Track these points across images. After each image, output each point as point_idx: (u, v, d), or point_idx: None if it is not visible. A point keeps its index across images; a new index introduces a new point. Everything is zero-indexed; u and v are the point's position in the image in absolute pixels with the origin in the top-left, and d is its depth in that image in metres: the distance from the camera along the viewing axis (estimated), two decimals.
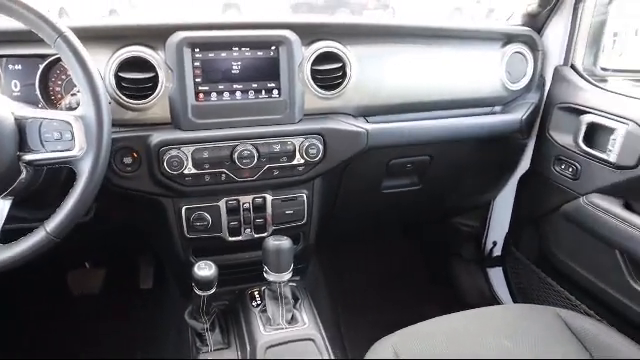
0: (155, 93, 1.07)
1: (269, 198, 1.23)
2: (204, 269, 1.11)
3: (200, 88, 1.09)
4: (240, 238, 1.24)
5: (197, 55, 1.07)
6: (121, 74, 1.05)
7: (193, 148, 1.09)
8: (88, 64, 0.86)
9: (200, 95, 1.09)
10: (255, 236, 1.25)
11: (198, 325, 1.22)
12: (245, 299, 1.31)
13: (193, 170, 1.10)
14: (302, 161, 1.16)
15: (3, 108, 0.85)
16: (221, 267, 1.14)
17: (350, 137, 1.20)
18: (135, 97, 1.06)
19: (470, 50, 1.35)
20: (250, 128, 1.13)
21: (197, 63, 1.07)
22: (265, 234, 1.25)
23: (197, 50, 1.06)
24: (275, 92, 1.13)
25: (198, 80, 1.08)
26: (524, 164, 1.54)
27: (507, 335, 1.05)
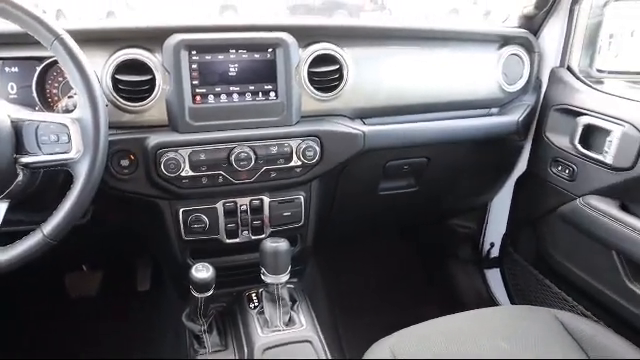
0: (152, 95, 1.07)
1: (266, 200, 1.23)
2: (201, 271, 1.11)
3: (197, 90, 1.09)
4: (237, 240, 1.24)
5: (194, 57, 1.07)
6: (118, 76, 1.05)
7: (190, 150, 1.09)
8: (85, 66, 0.86)
9: (197, 97, 1.09)
10: (252, 238, 1.25)
11: (195, 327, 1.22)
12: (243, 301, 1.31)
13: (190, 172, 1.10)
14: (299, 163, 1.17)
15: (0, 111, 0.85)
16: (219, 269, 1.14)
17: (347, 139, 1.20)
18: (132, 99, 1.06)
19: (467, 52, 1.35)
20: (247, 130, 1.13)
21: (194, 65, 1.07)
22: (262, 236, 1.25)
23: (194, 52, 1.07)
24: (272, 94, 1.14)
25: (195, 82, 1.08)
26: (521, 166, 1.55)
27: (504, 336, 1.05)
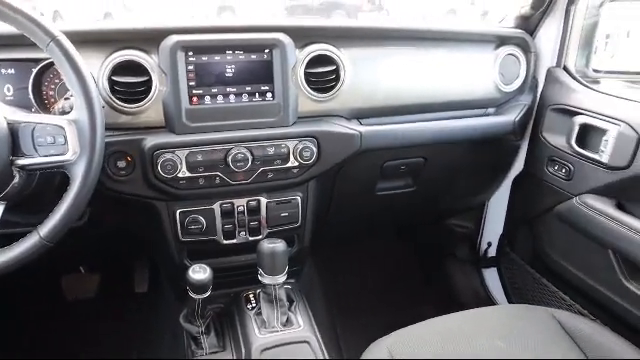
0: (149, 97, 1.07)
1: (263, 201, 1.23)
2: (198, 272, 1.11)
3: (194, 91, 1.09)
4: (235, 241, 1.24)
5: (191, 59, 1.07)
6: (115, 78, 1.05)
7: (187, 151, 1.09)
8: (81, 68, 0.85)
9: (194, 98, 1.09)
10: (250, 239, 1.25)
11: (193, 328, 1.22)
12: (240, 302, 1.31)
13: (187, 173, 1.10)
14: (296, 164, 1.17)
15: None
16: (216, 270, 1.14)
17: (344, 139, 1.20)
18: (129, 101, 1.06)
19: (463, 52, 1.35)
20: (244, 131, 1.13)
21: (191, 67, 1.07)
22: (260, 237, 1.25)
23: (191, 53, 1.07)
24: (269, 95, 1.14)
25: (192, 83, 1.08)
26: (518, 165, 1.55)
27: (501, 336, 1.05)
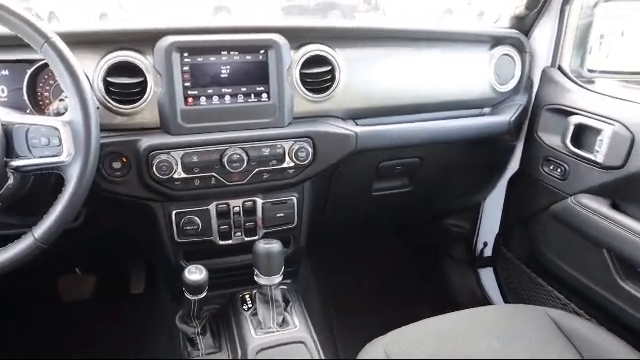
0: (144, 98, 1.07)
1: (259, 201, 1.23)
2: (194, 273, 1.11)
3: (189, 92, 1.08)
4: (230, 242, 1.24)
5: (186, 59, 1.07)
6: (109, 79, 1.04)
7: (182, 152, 1.09)
8: (75, 69, 0.85)
9: (189, 99, 1.09)
10: (246, 239, 1.25)
11: (189, 329, 1.22)
12: (236, 303, 1.31)
13: (183, 174, 1.10)
14: (292, 164, 1.17)
15: None
16: (212, 271, 1.14)
17: (339, 140, 1.20)
18: (124, 102, 1.06)
19: (459, 52, 1.35)
20: (239, 132, 1.13)
21: (186, 67, 1.07)
22: (256, 237, 1.25)
23: (186, 54, 1.06)
24: (264, 96, 1.14)
25: (187, 84, 1.08)
26: (513, 165, 1.55)
27: (497, 335, 1.05)
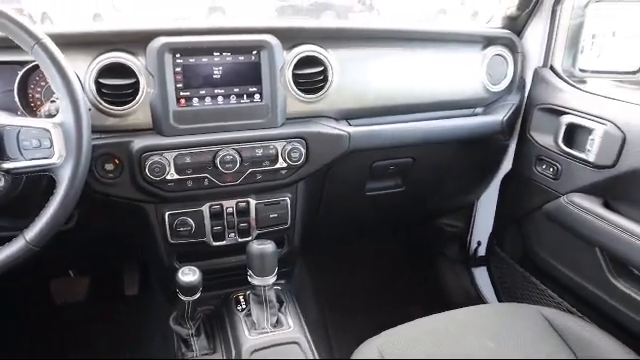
0: (136, 99, 1.07)
1: (253, 202, 1.23)
2: (188, 274, 1.10)
3: (181, 93, 1.08)
4: (224, 243, 1.24)
5: (178, 60, 1.06)
6: (101, 80, 1.04)
7: (175, 154, 1.08)
8: (66, 71, 0.85)
9: (182, 100, 1.09)
10: (239, 240, 1.25)
11: (183, 331, 1.22)
12: (230, 304, 1.31)
13: (175, 176, 1.10)
14: (285, 165, 1.17)
15: None
16: (206, 272, 1.14)
17: (332, 140, 1.21)
18: (116, 103, 1.06)
19: (451, 53, 1.36)
20: (232, 133, 1.12)
21: (178, 68, 1.07)
22: (249, 238, 1.25)
23: (178, 55, 1.06)
24: (257, 96, 1.13)
25: (179, 85, 1.08)
26: (506, 165, 1.56)
27: (491, 335, 1.06)
